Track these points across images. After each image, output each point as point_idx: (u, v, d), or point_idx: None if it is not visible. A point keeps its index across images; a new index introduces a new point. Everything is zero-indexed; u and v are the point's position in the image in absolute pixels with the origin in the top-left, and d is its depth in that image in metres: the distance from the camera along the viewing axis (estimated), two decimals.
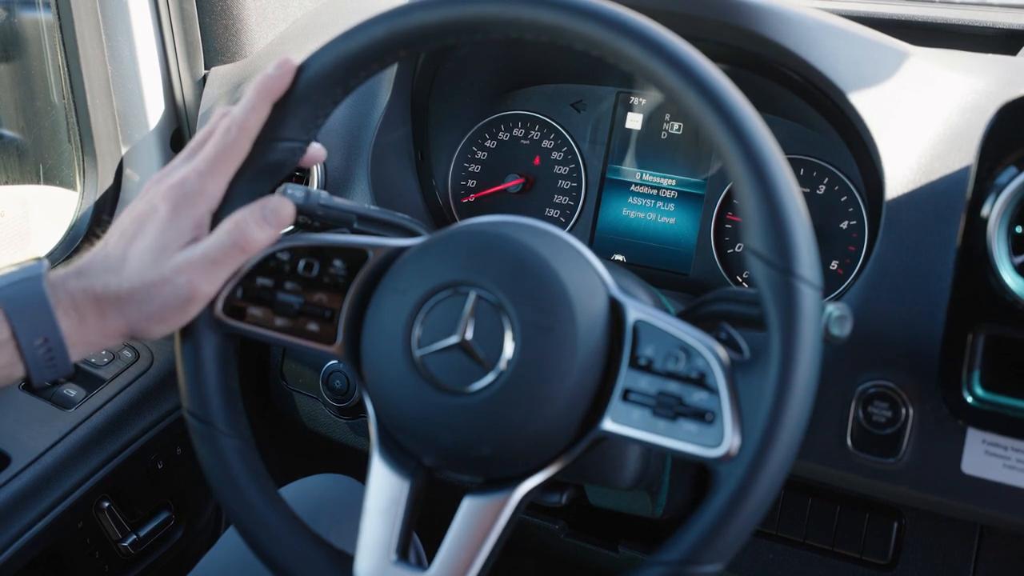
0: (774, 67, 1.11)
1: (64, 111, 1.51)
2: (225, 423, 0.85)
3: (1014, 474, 0.94)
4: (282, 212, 0.85)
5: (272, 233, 0.84)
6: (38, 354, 0.78)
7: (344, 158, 1.26)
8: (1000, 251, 0.89)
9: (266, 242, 0.84)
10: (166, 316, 0.81)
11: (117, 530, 1.31)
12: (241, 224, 0.82)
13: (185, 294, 0.80)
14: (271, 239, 0.84)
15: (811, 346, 0.72)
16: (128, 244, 0.81)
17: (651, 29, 0.76)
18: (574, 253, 0.81)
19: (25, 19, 1.55)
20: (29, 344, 0.77)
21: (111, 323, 0.80)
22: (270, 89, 0.84)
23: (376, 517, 0.81)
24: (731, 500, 0.71)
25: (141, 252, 0.81)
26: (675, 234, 1.26)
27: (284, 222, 0.85)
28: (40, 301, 0.78)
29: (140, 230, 0.82)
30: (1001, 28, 1.29)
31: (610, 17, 0.76)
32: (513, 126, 1.35)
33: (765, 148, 0.73)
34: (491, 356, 0.77)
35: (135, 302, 0.80)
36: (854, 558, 1.15)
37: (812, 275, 0.72)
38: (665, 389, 0.75)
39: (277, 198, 0.85)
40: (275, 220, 0.84)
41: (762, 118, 0.75)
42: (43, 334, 0.78)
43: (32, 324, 0.77)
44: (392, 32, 0.83)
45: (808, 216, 0.74)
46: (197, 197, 0.82)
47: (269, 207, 0.84)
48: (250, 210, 0.83)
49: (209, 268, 0.81)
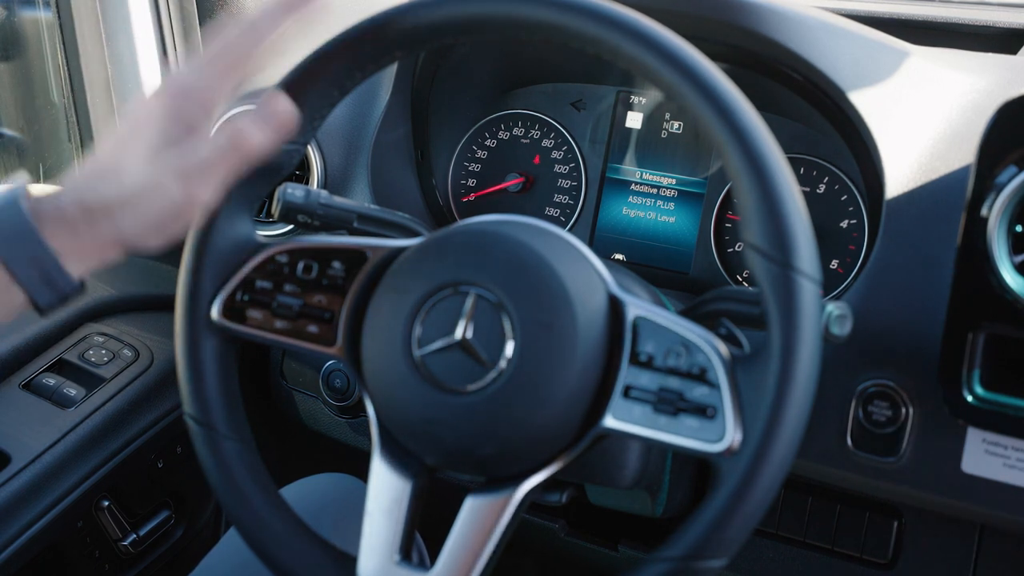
0: (774, 66, 1.11)
1: (64, 110, 1.51)
2: (226, 426, 0.85)
3: (1014, 473, 0.94)
4: (281, 111, 0.77)
5: (271, 136, 0.77)
6: (33, 276, 0.73)
7: (344, 157, 1.26)
8: (1000, 250, 0.89)
9: (265, 144, 0.76)
10: (162, 225, 0.75)
11: (117, 529, 1.31)
12: (239, 125, 0.75)
13: (180, 200, 0.74)
14: (271, 142, 0.77)
15: (811, 339, 0.72)
16: (120, 150, 0.75)
17: (644, 24, 0.76)
18: (573, 251, 0.81)
19: (25, 18, 1.55)
20: (21, 267, 0.73)
21: (104, 234, 0.75)
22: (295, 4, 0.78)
23: (378, 518, 0.81)
24: (734, 495, 0.71)
25: (133, 157, 0.74)
26: (675, 233, 1.26)
27: (284, 126, 0.78)
28: (21, 219, 0.73)
29: (133, 134, 0.75)
30: (1001, 27, 1.29)
31: (603, 13, 0.77)
32: (513, 125, 1.35)
33: (763, 143, 0.74)
34: (491, 355, 0.77)
35: (128, 210, 0.74)
36: (854, 557, 1.15)
37: (811, 269, 0.73)
38: (666, 385, 0.75)
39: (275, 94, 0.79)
40: (274, 122, 0.77)
41: (761, 116, 0.75)
42: (31, 252, 0.73)
43: (18, 246, 0.72)
44: (387, 33, 0.83)
45: (807, 210, 0.74)
46: (194, 93, 0.75)
47: (268, 107, 0.77)
48: (248, 112, 0.77)
49: (205, 172, 0.75)
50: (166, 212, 0.75)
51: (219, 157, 0.75)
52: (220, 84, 0.76)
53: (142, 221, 0.75)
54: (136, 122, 0.75)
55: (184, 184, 0.74)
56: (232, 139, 0.75)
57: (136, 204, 0.74)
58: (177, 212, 0.75)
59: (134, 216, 0.74)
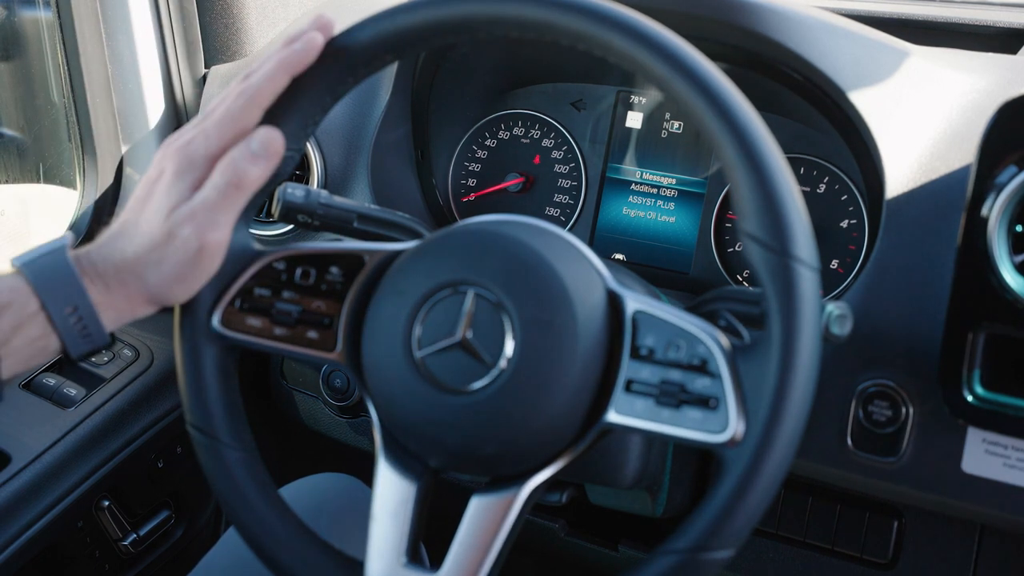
0: (774, 66, 1.11)
1: (64, 110, 1.51)
2: (228, 435, 0.85)
3: (1014, 473, 0.94)
4: (272, 144, 0.82)
5: (265, 167, 0.82)
6: (69, 323, 0.78)
7: (344, 157, 1.26)
8: (1000, 250, 0.89)
9: (262, 176, 0.82)
10: (182, 274, 0.81)
11: (117, 529, 1.31)
12: (233, 163, 0.81)
13: (194, 246, 0.80)
14: (266, 173, 0.82)
15: (811, 326, 0.72)
16: (140, 210, 0.82)
17: (632, 18, 0.76)
18: (570, 249, 0.81)
19: (25, 17, 1.55)
20: (59, 314, 0.77)
21: (133, 290, 0.81)
22: (293, 63, 0.83)
23: (385, 521, 0.81)
24: (739, 485, 0.71)
25: (149, 215, 0.81)
26: (675, 233, 1.26)
27: (275, 154, 0.83)
28: (66, 270, 0.78)
29: (149, 194, 0.82)
30: (1001, 27, 1.29)
31: (591, 9, 0.77)
32: (513, 125, 1.35)
33: (758, 136, 0.74)
34: (492, 354, 0.77)
35: (151, 265, 0.80)
36: (854, 557, 1.15)
37: (809, 256, 0.73)
38: (667, 378, 0.75)
39: (264, 130, 0.83)
40: (266, 153, 0.82)
41: (761, 116, 0.76)
42: (72, 302, 0.78)
43: (60, 293, 0.78)
44: (376, 37, 0.83)
45: (803, 200, 0.74)
46: (198, 158, 0.81)
47: (257, 140, 0.82)
48: (239, 148, 0.82)
49: (211, 213, 0.80)
50: (185, 261, 0.81)
51: (221, 197, 0.81)
52: (221, 145, 0.82)
53: (165, 273, 0.81)
54: (151, 182, 0.83)
55: (196, 229, 0.80)
56: (228, 177, 0.81)
57: (156, 259, 0.80)
58: (195, 259, 0.81)
59: (156, 270, 0.80)
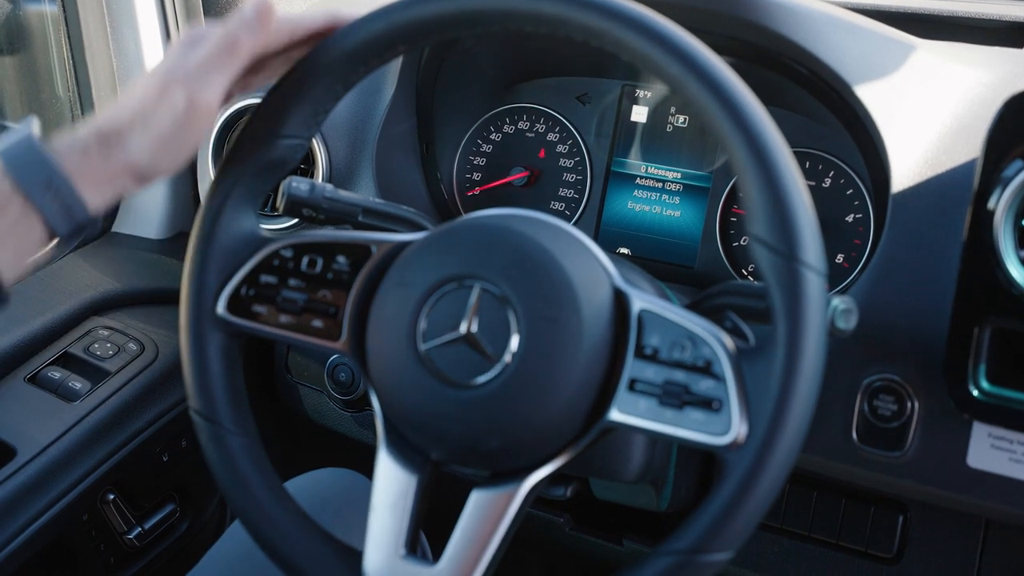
0: (780, 60, 1.11)
1: (69, 104, 1.51)
2: (231, 421, 0.85)
3: (1020, 468, 0.94)
4: (264, 13, 0.81)
5: (261, 34, 0.81)
6: (47, 199, 0.74)
7: (349, 151, 1.26)
8: (1006, 244, 0.89)
9: (257, 43, 0.81)
10: (169, 140, 0.78)
11: (122, 522, 1.32)
12: (227, 29, 0.80)
13: (183, 107, 0.77)
14: (258, 41, 0.81)
15: (817, 332, 0.72)
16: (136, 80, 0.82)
17: (649, 17, 0.76)
18: (577, 244, 0.81)
19: (30, 11, 1.55)
20: (34, 190, 0.74)
21: (115, 158, 0.77)
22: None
23: (384, 512, 0.81)
24: (740, 487, 0.71)
25: (147, 78, 0.79)
26: (680, 227, 1.26)
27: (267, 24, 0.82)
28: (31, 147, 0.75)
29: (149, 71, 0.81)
30: (1007, 21, 1.29)
31: (608, 6, 0.76)
32: (518, 119, 1.35)
33: (768, 137, 0.73)
34: (496, 349, 0.77)
35: (137, 129, 0.77)
36: (859, 552, 1.15)
37: (816, 262, 0.72)
38: (671, 378, 0.75)
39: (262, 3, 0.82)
40: (258, 20, 0.81)
41: (767, 110, 0.75)
42: (44, 175, 0.74)
43: (31, 170, 0.74)
44: (390, 27, 0.83)
45: (812, 203, 0.74)
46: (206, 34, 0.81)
47: (250, 7, 0.81)
48: (233, 17, 0.81)
49: (203, 73, 0.78)
50: (173, 122, 0.78)
51: (215, 59, 0.79)
52: None
53: (151, 137, 0.77)
54: None
55: (186, 88, 0.78)
56: (225, 43, 0.79)
57: (143, 122, 0.77)
58: (183, 121, 0.78)
59: (142, 135, 0.77)
